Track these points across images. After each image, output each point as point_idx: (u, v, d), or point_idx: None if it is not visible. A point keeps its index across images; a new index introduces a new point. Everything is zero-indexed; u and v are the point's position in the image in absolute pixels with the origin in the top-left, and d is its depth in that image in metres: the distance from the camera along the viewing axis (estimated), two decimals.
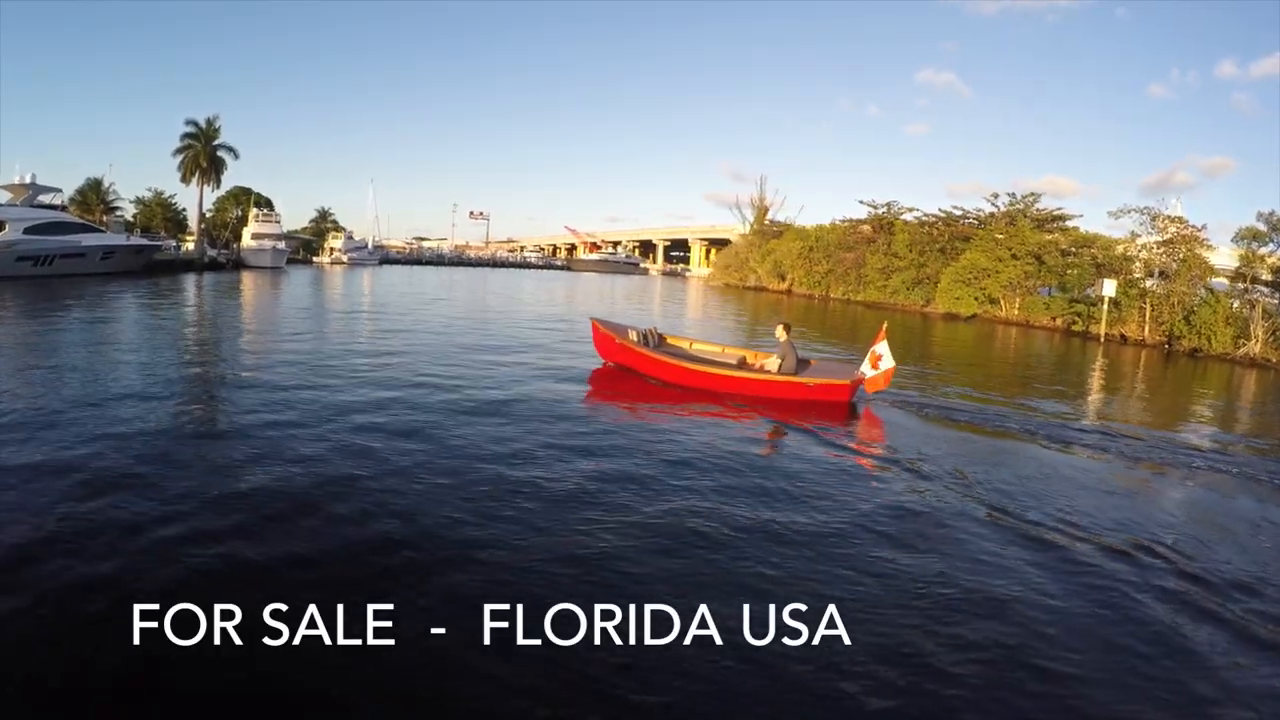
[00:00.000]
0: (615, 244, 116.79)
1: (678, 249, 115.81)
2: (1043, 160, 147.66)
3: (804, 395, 10.71)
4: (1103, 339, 28.73)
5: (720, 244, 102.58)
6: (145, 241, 39.14)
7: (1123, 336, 29.41)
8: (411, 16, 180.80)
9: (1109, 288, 29.44)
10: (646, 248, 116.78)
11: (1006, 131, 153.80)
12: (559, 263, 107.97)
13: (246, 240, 49.94)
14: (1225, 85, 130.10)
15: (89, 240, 34.17)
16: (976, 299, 37.49)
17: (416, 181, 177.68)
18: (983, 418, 10.75)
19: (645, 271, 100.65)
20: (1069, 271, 36.17)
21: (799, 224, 61.85)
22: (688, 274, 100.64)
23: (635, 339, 12.15)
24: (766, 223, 62.34)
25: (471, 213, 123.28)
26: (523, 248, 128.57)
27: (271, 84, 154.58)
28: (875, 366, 10.85)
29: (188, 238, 52.90)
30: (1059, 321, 33.66)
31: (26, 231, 31.50)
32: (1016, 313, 36.46)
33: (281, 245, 49.96)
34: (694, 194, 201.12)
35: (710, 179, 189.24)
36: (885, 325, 11.58)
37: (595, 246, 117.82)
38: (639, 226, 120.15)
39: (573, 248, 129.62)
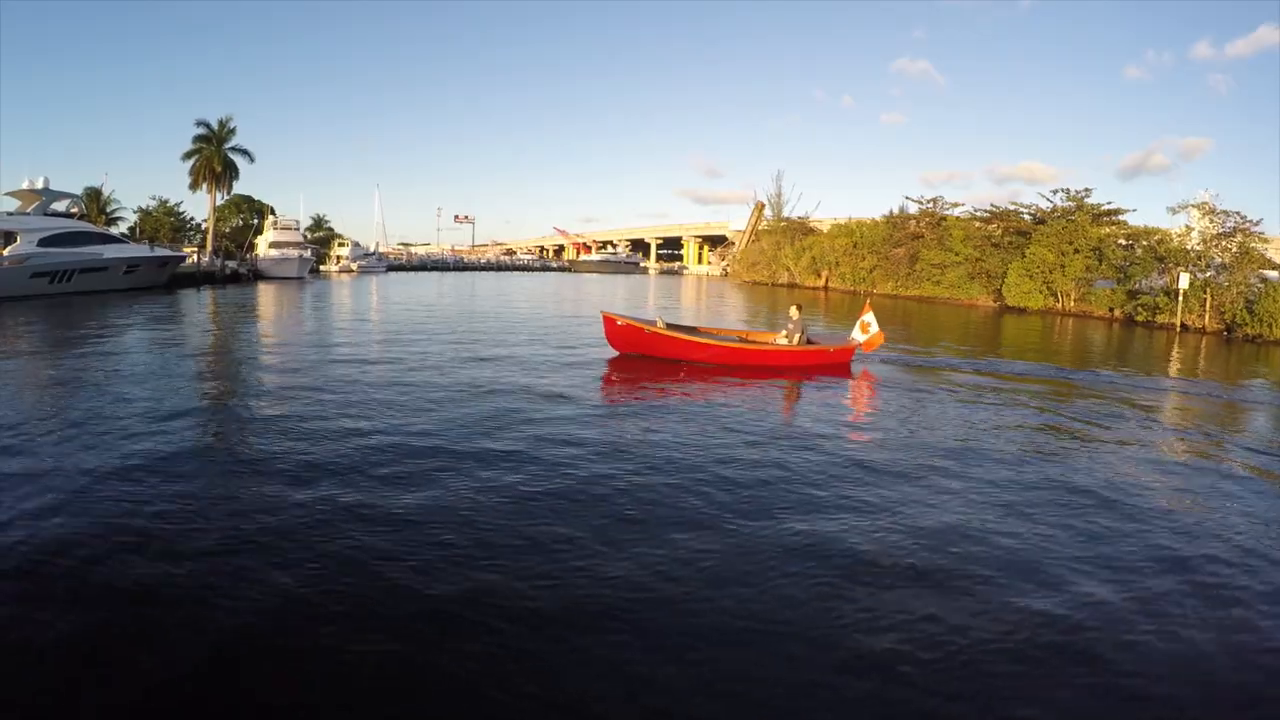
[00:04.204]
0: (606, 244, 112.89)
1: (668, 247, 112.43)
2: (1018, 146, 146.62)
3: (826, 359, 12.85)
4: (1178, 328, 29.07)
5: (715, 241, 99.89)
6: (170, 253, 34.20)
7: (1184, 325, 29.52)
8: (386, 23, 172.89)
9: (1184, 280, 29.32)
10: (637, 246, 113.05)
11: (981, 118, 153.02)
12: (555, 265, 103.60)
13: (264, 250, 44.83)
14: (1201, 66, 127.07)
15: (111, 252, 29.28)
16: (1041, 293, 35.99)
17: (396, 186, 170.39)
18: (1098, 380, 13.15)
19: (645, 270, 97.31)
20: (1132, 266, 34.94)
21: (816, 219, 59.64)
22: (685, 271, 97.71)
23: (663, 326, 12.53)
24: (787, 218, 59.66)
25: (456, 216, 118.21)
26: (512, 251, 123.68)
27: (255, 91, 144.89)
28: (865, 333, 12.99)
29: (188, 249, 47.63)
30: (1118, 313, 33.24)
31: (41, 244, 26.62)
32: (1072, 305, 35.53)
33: (307, 254, 45.05)
34: (666, 191, 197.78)
35: (684, 175, 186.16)
36: (869, 299, 14.53)
37: (585, 247, 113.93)
38: (629, 225, 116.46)
39: (560, 248, 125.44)
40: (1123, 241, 36.76)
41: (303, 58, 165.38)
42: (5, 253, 25.77)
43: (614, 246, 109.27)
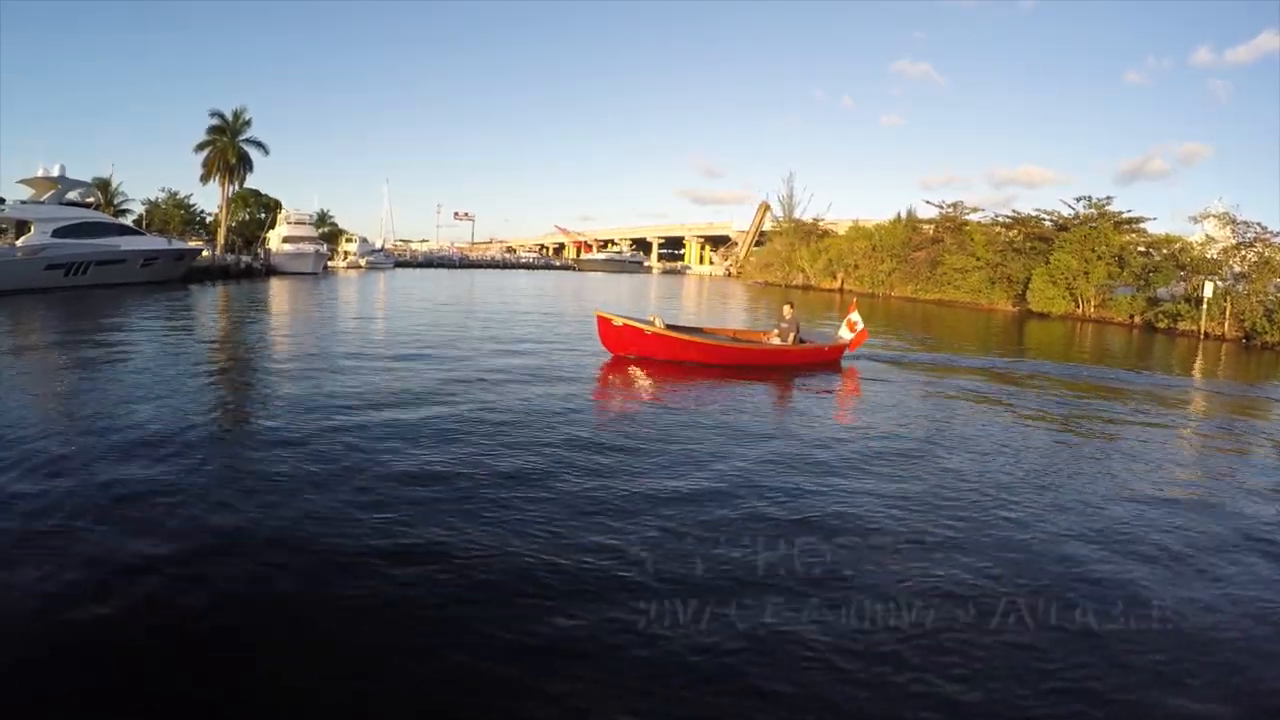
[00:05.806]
0: (607, 242, 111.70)
1: (669, 246, 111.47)
2: (1017, 149, 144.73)
3: (820, 357, 13.14)
4: (1201, 335, 29.02)
5: (718, 241, 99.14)
6: (186, 246, 32.95)
7: (1205, 333, 29.40)
8: (386, 21, 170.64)
9: (1207, 289, 29.43)
10: (639, 245, 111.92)
11: (981, 120, 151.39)
12: (558, 263, 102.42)
13: (276, 244, 43.47)
14: (1201, 72, 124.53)
15: (128, 244, 28.05)
16: (1064, 298, 35.70)
17: (393, 183, 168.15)
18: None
19: (649, 270, 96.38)
20: (1154, 274, 34.69)
21: (828, 221, 58.97)
22: (688, 271, 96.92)
23: (662, 326, 12.23)
24: (798, 220, 58.94)
25: (456, 213, 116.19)
26: (514, 249, 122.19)
27: (254, 88, 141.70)
28: (853, 330, 13.37)
29: (195, 242, 46.11)
30: (1138, 319, 33.01)
31: (56, 234, 25.40)
32: (1093, 311, 35.28)
33: (323, 249, 43.75)
34: (666, 191, 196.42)
35: (683, 175, 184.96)
36: (855, 300, 15.22)
37: (587, 246, 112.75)
38: (630, 224, 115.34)
39: (561, 247, 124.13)
40: (1142, 249, 36.76)
41: (301, 55, 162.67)
42: (18, 243, 24.54)
43: (615, 245, 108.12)
